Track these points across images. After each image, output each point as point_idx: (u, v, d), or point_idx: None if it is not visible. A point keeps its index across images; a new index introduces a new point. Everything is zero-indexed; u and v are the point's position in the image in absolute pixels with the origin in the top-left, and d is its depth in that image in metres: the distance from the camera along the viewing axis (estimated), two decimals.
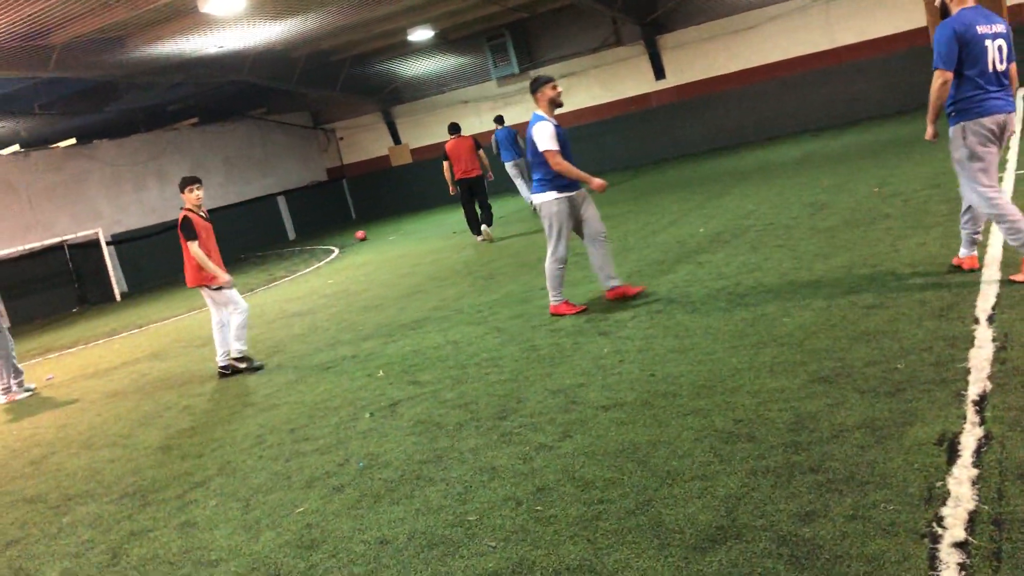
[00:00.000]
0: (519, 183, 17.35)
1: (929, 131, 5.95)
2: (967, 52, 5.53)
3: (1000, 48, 5.60)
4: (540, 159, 7.26)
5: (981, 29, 5.53)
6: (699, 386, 4.99)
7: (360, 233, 20.37)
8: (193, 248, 7.96)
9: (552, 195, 7.29)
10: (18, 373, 9.82)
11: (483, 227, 14.43)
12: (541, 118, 7.29)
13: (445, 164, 14.56)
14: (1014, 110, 5.74)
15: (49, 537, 5.03)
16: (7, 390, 9.67)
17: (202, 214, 8.26)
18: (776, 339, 5.51)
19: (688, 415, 4.60)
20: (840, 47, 19.24)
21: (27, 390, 9.85)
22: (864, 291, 6.10)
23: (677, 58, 21.23)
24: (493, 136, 17.62)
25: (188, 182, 8.21)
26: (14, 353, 9.81)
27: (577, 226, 7.49)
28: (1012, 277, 5.65)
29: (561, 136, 7.26)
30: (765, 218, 9.98)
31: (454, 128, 14.98)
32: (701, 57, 20.93)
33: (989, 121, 5.61)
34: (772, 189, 12.18)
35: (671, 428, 4.48)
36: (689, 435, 4.34)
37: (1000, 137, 5.69)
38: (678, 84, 21.39)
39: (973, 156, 5.67)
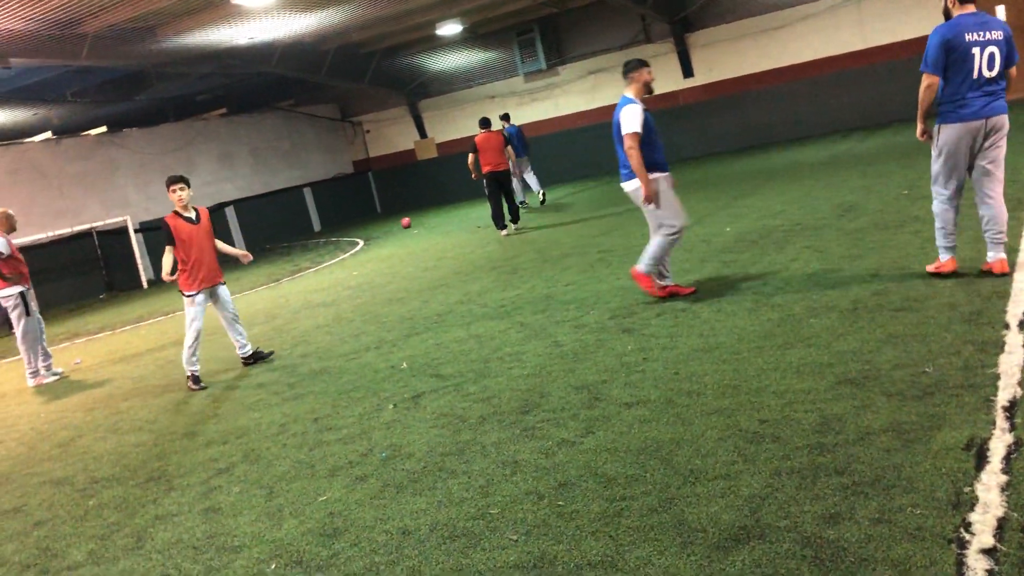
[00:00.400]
0: (515, 181, 18.34)
1: (919, 129, 6.23)
2: (952, 58, 5.78)
3: (992, 55, 5.79)
4: (620, 139, 7.04)
5: (970, 36, 5.73)
6: (724, 385, 4.97)
7: (405, 220, 20.55)
8: (164, 256, 7.79)
9: (653, 175, 7.06)
10: (47, 357, 9.95)
11: (510, 224, 14.81)
12: (631, 100, 7.03)
13: (471, 156, 14.91)
14: (1001, 113, 5.88)
15: (76, 519, 5.09)
16: (35, 374, 9.80)
17: (188, 215, 7.86)
18: (803, 340, 5.48)
19: (712, 414, 4.58)
20: (872, 47, 19.05)
21: (55, 374, 9.97)
22: (892, 294, 6.05)
23: (706, 56, 21.10)
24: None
25: (170, 182, 7.82)
26: (44, 337, 9.94)
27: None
28: (928, 268, 6.37)
29: (648, 122, 7.06)
30: (793, 218, 9.91)
31: (485, 122, 15.38)
32: (730, 55, 20.79)
33: (963, 128, 5.88)
34: (800, 189, 12.09)
35: (695, 427, 4.46)
36: (713, 434, 4.32)
37: (984, 138, 5.90)
38: (706, 82, 21.27)
39: (940, 155, 6.04)
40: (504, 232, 14.64)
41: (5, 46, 13.13)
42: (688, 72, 21.35)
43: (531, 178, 18.50)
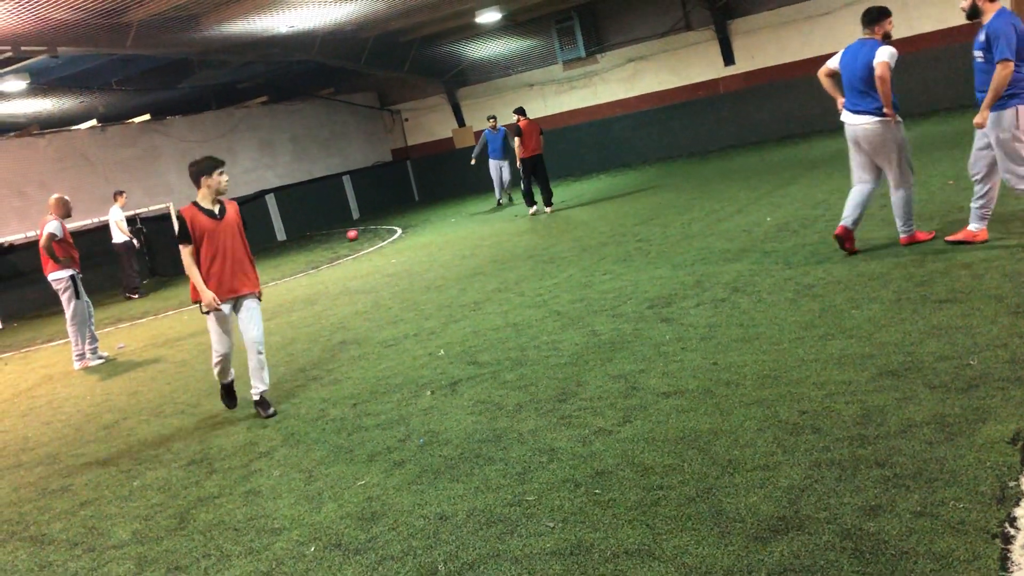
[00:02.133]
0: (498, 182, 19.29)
1: (983, 117, 6.49)
2: (1020, 45, 6.31)
3: None
4: (869, 80, 7.03)
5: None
6: (763, 376, 4.93)
7: (352, 232, 19.00)
8: (185, 258, 6.22)
9: (899, 118, 7.11)
10: (94, 340, 10.14)
11: (543, 206, 15.99)
12: (880, 43, 7.12)
13: (517, 140, 15.76)
14: None
15: (120, 499, 5.20)
16: (81, 356, 10.00)
17: (210, 208, 6.27)
18: (844, 331, 5.41)
19: (751, 405, 4.55)
20: (917, 35, 18.68)
21: (100, 358, 10.16)
22: (936, 284, 5.95)
23: (747, 44, 20.85)
24: (484, 134, 19.11)
25: (212, 166, 6.36)
26: (92, 321, 10.13)
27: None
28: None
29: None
30: (834, 208, 9.77)
31: (522, 110, 16.26)
32: (772, 43, 20.51)
33: None
34: (842, 179, 11.89)
35: (733, 417, 4.44)
36: (752, 425, 4.29)
37: None
38: (748, 70, 21.01)
39: (1018, 137, 6.38)
40: (532, 210, 15.88)
41: (53, 35, 13.35)
42: (729, 60, 21.11)
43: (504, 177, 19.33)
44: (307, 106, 25.15)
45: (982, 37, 6.45)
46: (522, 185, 15.92)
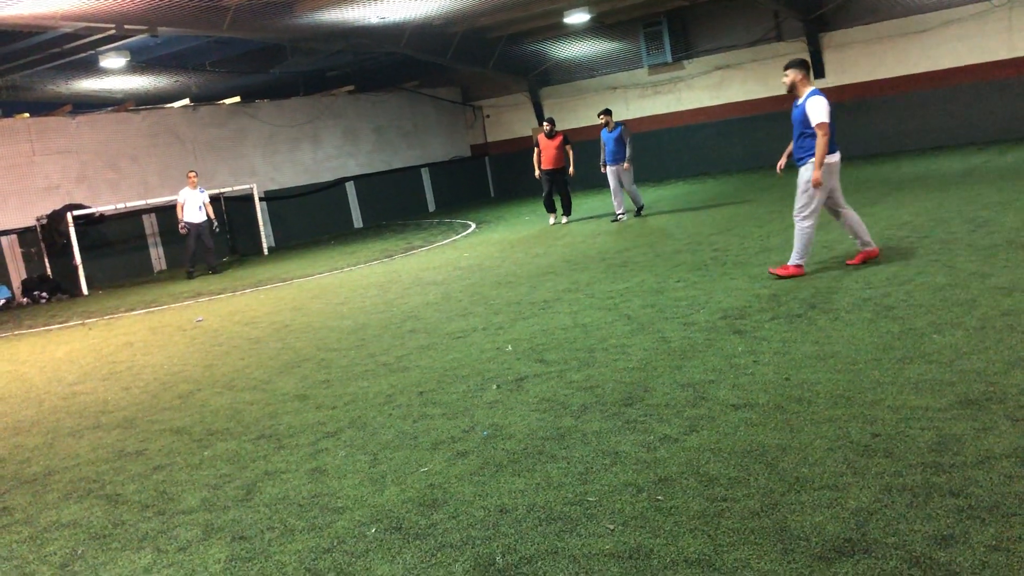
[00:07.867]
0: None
1: None
2: None
3: None
4: None
5: None
6: (836, 395, 4.84)
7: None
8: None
9: None
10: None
11: (561, 216, 16.90)
12: None
13: (535, 151, 17.03)
14: None
15: (191, 467, 5.36)
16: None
17: None
18: (923, 356, 5.27)
19: (822, 423, 4.47)
20: (1020, 58, 18.05)
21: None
22: None
23: (839, 58, 20.40)
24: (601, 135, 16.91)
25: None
26: None
27: None
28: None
29: None
30: (920, 230, 9.52)
31: (551, 121, 17.04)
32: (865, 58, 20.04)
33: None
34: (930, 201, 11.59)
35: (803, 434, 4.36)
36: (822, 443, 4.21)
37: None
38: (838, 84, 20.55)
39: None
40: (551, 222, 16.80)
41: (155, 15, 13.80)
42: (819, 73, 20.67)
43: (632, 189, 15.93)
44: (391, 97, 25.48)
45: None
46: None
